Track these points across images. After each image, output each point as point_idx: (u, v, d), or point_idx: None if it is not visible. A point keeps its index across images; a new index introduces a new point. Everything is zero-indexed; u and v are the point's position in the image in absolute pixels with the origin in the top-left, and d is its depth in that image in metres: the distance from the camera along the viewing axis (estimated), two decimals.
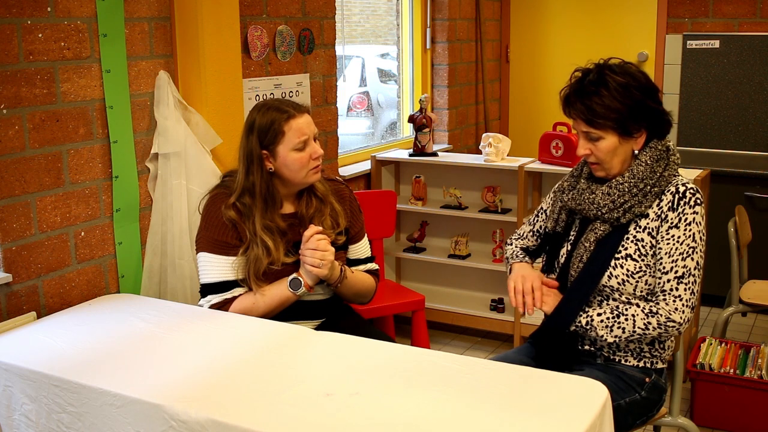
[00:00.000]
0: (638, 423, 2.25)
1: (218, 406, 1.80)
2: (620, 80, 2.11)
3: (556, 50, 5.61)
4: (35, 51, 2.46)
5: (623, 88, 2.11)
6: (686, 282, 2.13)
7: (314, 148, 2.44)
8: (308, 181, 2.46)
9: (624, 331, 2.15)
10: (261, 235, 2.39)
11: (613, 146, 2.14)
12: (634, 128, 2.14)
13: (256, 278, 2.41)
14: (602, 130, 2.13)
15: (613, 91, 2.10)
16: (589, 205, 2.21)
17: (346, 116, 4.72)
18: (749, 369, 3.22)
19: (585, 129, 2.16)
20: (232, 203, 2.43)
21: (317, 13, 3.72)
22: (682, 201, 2.14)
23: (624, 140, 2.15)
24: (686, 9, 5.06)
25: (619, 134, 2.13)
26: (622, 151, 2.17)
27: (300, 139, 2.40)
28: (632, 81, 2.12)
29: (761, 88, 4.65)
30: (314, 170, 2.45)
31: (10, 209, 2.43)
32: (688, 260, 2.13)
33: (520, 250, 2.46)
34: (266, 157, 2.41)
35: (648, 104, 2.14)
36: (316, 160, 2.44)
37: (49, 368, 2.05)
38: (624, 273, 2.17)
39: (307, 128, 2.43)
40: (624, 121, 2.12)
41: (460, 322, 4.17)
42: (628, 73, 2.14)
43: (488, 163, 3.99)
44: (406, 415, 1.75)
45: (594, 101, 2.11)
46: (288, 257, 2.45)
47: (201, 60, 2.92)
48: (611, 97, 2.10)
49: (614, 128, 2.12)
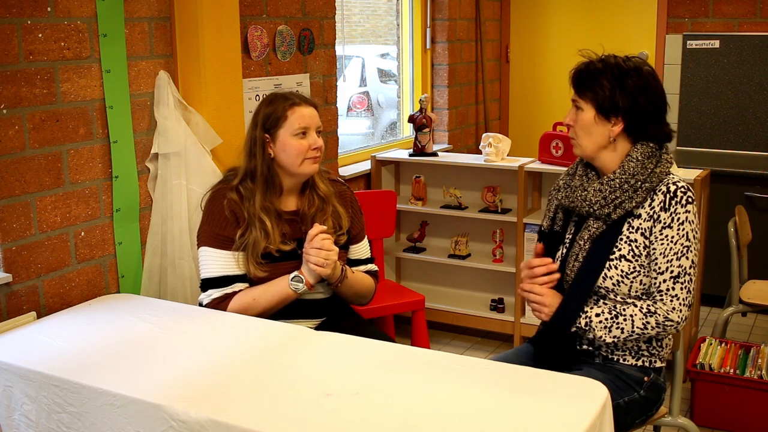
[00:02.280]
0: (638, 422, 2.25)
1: (218, 406, 1.80)
2: (626, 68, 2.17)
3: (556, 50, 5.61)
4: (35, 51, 2.46)
5: (623, 74, 2.16)
6: (682, 281, 2.13)
7: (314, 138, 2.46)
8: (304, 170, 2.46)
9: (623, 332, 2.15)
10: (260, 214, 2.42)
11: (589, 121, 2.18)
12: (612, 114, 2.17)
13: (255, 261, 2.42)
14: (583, 100, 2.20)
15: (613, 71, 2.16)
16: (581, 202, 2.22)
17: (346, 116, 4.72)
18: (749, 369, 3.22)
19: (573, 97, 2.24)
20: (234, 186, 2.48)
21: (317, 13, 3.72)
22: (674, 200, 2.14)
23: (600, 120, 2.18)
24: (686, 9, 5.06)
25: (596, 110, 2.18)
26: (597, 132, 2.19)
27: (300, 125, 2.43)
28: (635, 75, 2.16)
29: (761, 88, 4.65)
30: (311, 160, 2.46)
31: (10, 209, 2.43)
32: (683, 259, 2.13)
33: None
34: (268, 141, 2.46)
35: (639, 101, 2.16)
36: (314, 150, 2.45)
37: (49, 368, 2.05)
38: (618, 274, 2.17)
39: (309, 118, 2.46)
40: (603, 100, 2.16)
41: (460, 322, 4.17)
42: (638, 69, 2.18)
43: (488, 163, 3.99)
44: (406, 415, 1.76)
45: (590, 71, 2.19)
46: (285, 245, 2.46)
47: (201, 60, 2.92)
48: (606, 76, 2.16)
49: (594, 102, 2.17)
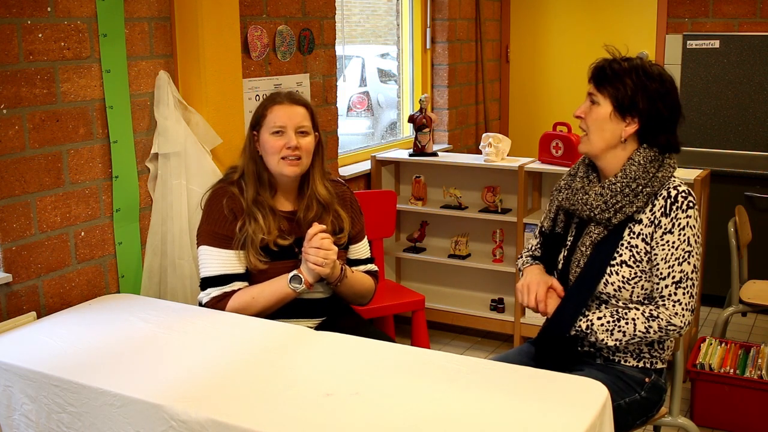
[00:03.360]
0: (638, 423, 2.25)
1: (218, 406, 1.80)
2: (650, 71, 2.15)
3: (556, 50, 5.61)
4: (35, 51, 2.46)
5: (646, 76, 2.14)
6: (684, 286, 2.13)
7: (290, 137, 2.43)
8: (281, 171, 2.45)
9: (624, 335, 2.15)
10: (252, 208, 2.44)
11: (604, 115, 2.16)
12: (628, 114, 2.15)
13: (256, 254, 2.42)
14: (602, 95, 2.17)
15: (638, 71, 2.14)
16: (582, 206, 2.21)
17: (346, 116, 4.72)
18: (749, 369, 3.22)
19: (591, 90, 2.20)
20: (236, 180, 2.51)
21: (317, 13, 3.72)
22: (674, 206, 2.13)
23: (615, 118, 2.15)
24: (686, 9, 5.06)
25: (614, 107, 2.15)
26: (609, 129, 2.16)
27: (276, 124, 2.44)
28: (655, 80, 2.14)
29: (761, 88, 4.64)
30: (287, 161, 2.44)
31: (10, 209, 2.43)
32: (685, 264, 2.12)
33: (530, 258, 2.46)
34: (255, 138, 2.50)
35: (657, 106, 2.14)
36: (288, 150, 2.42)
37: (49, 368, 2.05)
38: (620, 280, 2.16)
39: (288, 117, 2.45)
40: (623, 99, 2.13)
41: (460, 322, 4.17)
42: (662, 75, 2.17)
43: (488, 163, 3.99)
44: (406, 415, 1.76)
45: (616, 71, 2.15)
46: (283, 239, 2.46)
47: (201, 60, 2.92)
48: (631, 77, 2.14)
49: (612, 98, 2.15)
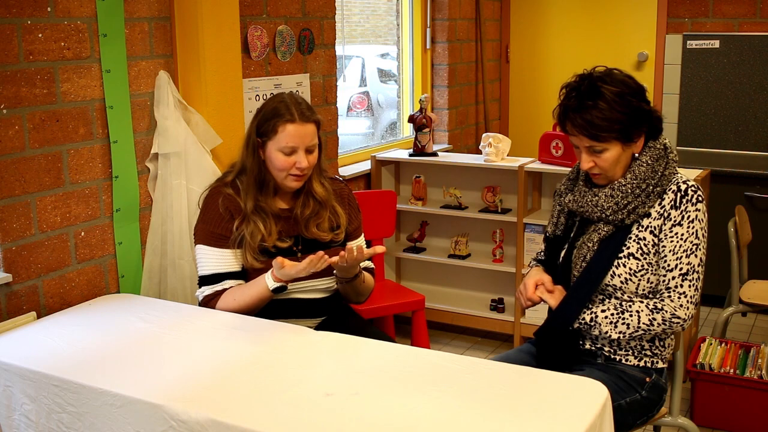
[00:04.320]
0: (638, 423, 2.25)
1: (218, 406, 1.80)
2: (615, 89, 2.09)
3: (556, 50, 5.60)
4: (35, 51, 2.45)
5: (620, 98, 2.09)
6: (690, 278, 2.14)
7: (301, 157, 2.41)
8: (286, 184, 2.46)
9: (629, 327, 2.15)
10: (252, 217, 2.42)
11: (617, 155, 2.14)
12: (636, 134, 2.14)
13: (253, 253, 2.42)
14: (606, 143, 2.11)
15: (611, 102, 2.08)
16: (592, 208, 2.21)
17: (346, 116, 4.72)
18: (749, 369, 3.22)
19: (588, 144, 2.13)
20: (230, 181, 2.48)
21: (317, 13, 3.72)
22: (684, 199, 2.15)
23: (626, 147, 2.15)
24: (686, 9, 5.06)
25: (623, 143, 2.13)
26: (625, 157, 2.17)
27: (287, 145, 2.39)
28: (626, 88, 2.11)
29: (761, 88, 4.64)
30: (294, 178, 2.44)
31: (10, 209, 2.43)
32: (692, 257, 2.14)
33: (535, 262, 2.47)
34: (259, 145, 2.45)
35: (644, 108, 2.15)
36: (298, 169, 2.42)
37: (49, 368, 2.05)
38: (627, 272, 2.17)
39: (299, 138, 2.40)
40: (626, 130, 2.11)
41: (460, 322, 4.17)
42: (619, 81, 2.13)
43: (488, 163, 3.98)
44: (406, 415, 1.76)
45: (594, 115, 2.08)
46: (282, 242, 2.46)
47: (201, 60, 2.92)
48: (611, 109, 2.08)
49: (618, 138, 2.11)
